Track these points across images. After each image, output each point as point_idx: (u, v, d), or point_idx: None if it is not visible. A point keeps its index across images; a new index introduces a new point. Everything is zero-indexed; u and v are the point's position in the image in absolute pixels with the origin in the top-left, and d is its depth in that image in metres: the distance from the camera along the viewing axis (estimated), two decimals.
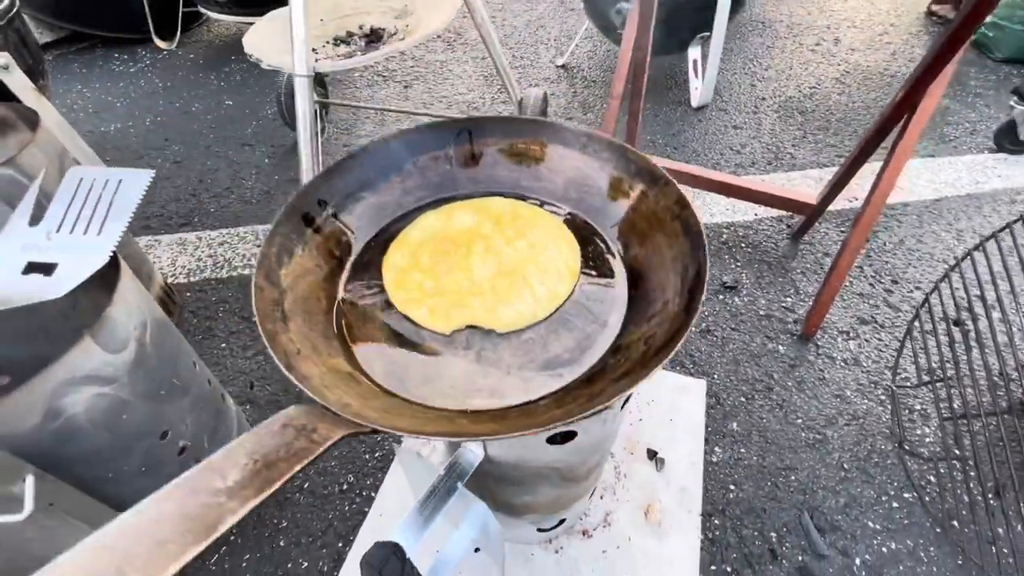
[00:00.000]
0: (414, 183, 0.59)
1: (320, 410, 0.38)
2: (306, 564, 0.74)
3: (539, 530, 0.69)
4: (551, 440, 0.48)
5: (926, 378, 0.87)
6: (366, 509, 0.79)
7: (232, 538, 0.76)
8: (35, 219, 0.61)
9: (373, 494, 0.81)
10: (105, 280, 0.56)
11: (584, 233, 0.55)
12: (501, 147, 0.59)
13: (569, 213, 0.57)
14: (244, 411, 0.89)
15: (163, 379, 0.60)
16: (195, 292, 1.12)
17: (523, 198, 0.58)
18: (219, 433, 0.71)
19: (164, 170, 1.46)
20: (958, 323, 0.86)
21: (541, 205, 0.58)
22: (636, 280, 0.50)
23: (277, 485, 0.29)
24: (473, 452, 0.52)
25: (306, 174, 1.04)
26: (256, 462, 0.30)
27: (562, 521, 0.70)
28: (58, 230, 0.60)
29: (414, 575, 0.45)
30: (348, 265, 0.54)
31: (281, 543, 0.76)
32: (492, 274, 0.50)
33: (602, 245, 0.54)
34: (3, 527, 0.46)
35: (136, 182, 0.64)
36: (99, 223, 0.60)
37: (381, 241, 0.55)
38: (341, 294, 0.52)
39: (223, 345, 1.02)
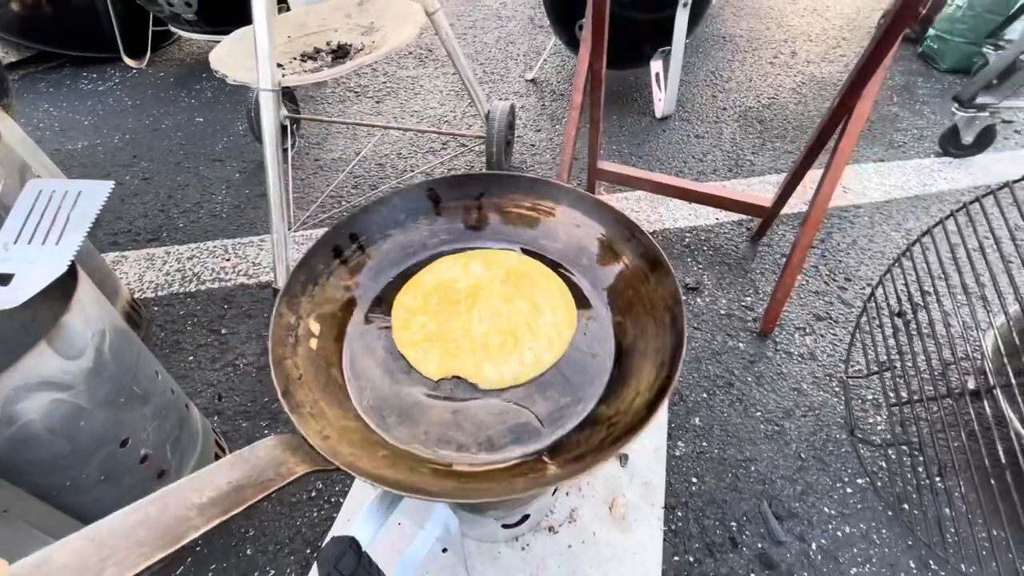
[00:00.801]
0: (441, 227, 0.62)
1: (297, 441, 0.40)
2: (273, 572, 0.74)
3: (504, 527, 0.70)
4: None
5: (875, 368, 0.91)
6: (334, 515, 0.80)
7: (198, 548, 0.76)
8: None
9: (341, 500, 0.82)
10: (63, 289, 0.56)
11: (583, 298, 0.56)
12: (523, 206, 0.62)
13: (569, 272, 0.59)
14: (212, 422, 0.88)
15: (122, 387, 0.60)
16: (163, 306, 1.12)
17: (539, 255, 0.60)
18: (182, 442, 0.71)
19: (132, 187, 1.46)
20: (900, 314, 0.90)
21: (555, 265, 0.60)
22: (619, 357, 0.51)
23: (238, 510, 0.32)
24: None
25: (272, 186, 1.05)
26: (229, 484, 0.32)
27: (526, 517, 0.71)
28: (16, 241, 0.60)
29: (371, 569, 0.46)
30: (367, 296, 0.57)
31: (248, 552, 0.76)
32: (488, 330, 0.52)
33: (599, 313, 0.55)
34: None
35: (95, 193, 0.64)
36: (58, 234, 0.61)
37: (399, 279, 0.58)
38: (355, 325, 0.54)
39: (191, 358, 1.02)
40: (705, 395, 0.98)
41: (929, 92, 1.92)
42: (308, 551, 0.76)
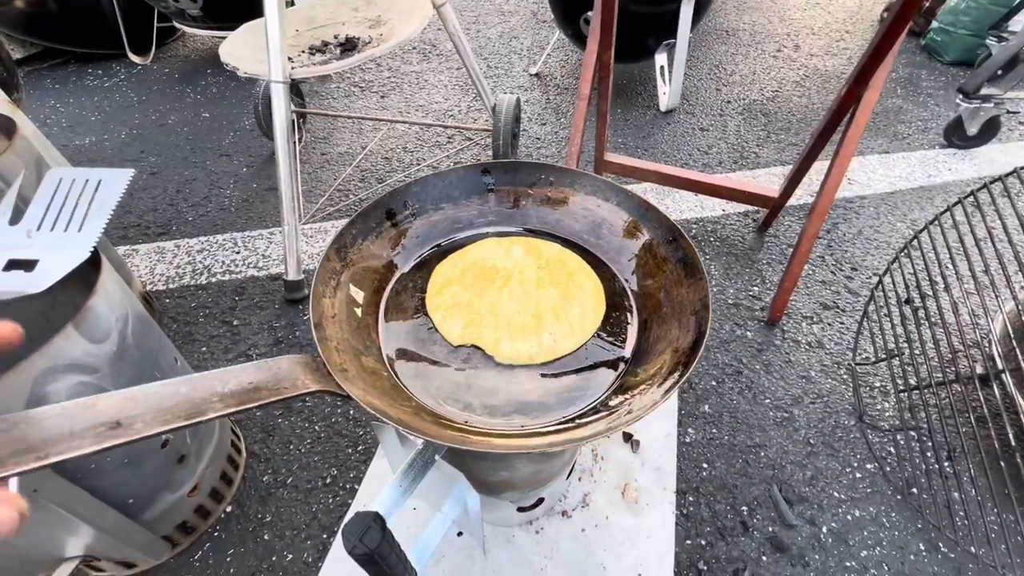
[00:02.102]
0: (491, 208, 0.64)
1: (317, 364, 0.42)
2: (291, 556, 0.75)
3: (519, 510, 0.71)
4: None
5: (882, 355, 0.92)
6: (349, 501, 0.80)
7: (216, 534, 0.77)
8: (15, 219, 0.62)
9: (356, 486, 0.83)
10: (86, 275, 0.57)
11: (616, 297, 0.57)
12: (580, 196, 0.63)
13: (607, 267, 0.60)
14: None
15: (144, 372, 0.61)
16: (174, 299, 1.13)
17: (581, 248, 0.61)
18: (200, 430, 0.72)
19: (141, 181, 1.47)
20: (908, 301, 0.91)
21: (594, 261, 0.60)
22: (637, 353, 0.52)
23: (252, 405, 0.35)
24: None
25: (284, 179, 1.06)
26: (250, 383, 0.37)
27: (541, 500, 0.72)
28: (38, 228, 0.61)
29: (392, 543, 0.47)
30: (408, 260, 0.59)
31: (265, 536, 0.77)
32: (515, 309, 0.54)
33: (626, 313, 0.56)
34: None
35: (115, 181, 0.65)
36: (79, 221, 0.61)
37: (443, 250, 0.61)
38: (392, 284, 0.57)
39: (203, 349, 1.03)
40: (714, 383, 0.99)
41: (933, 84, 1.92)
42: (324, 536, 0.77)
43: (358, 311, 0.53)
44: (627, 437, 0.87)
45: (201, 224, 1.33)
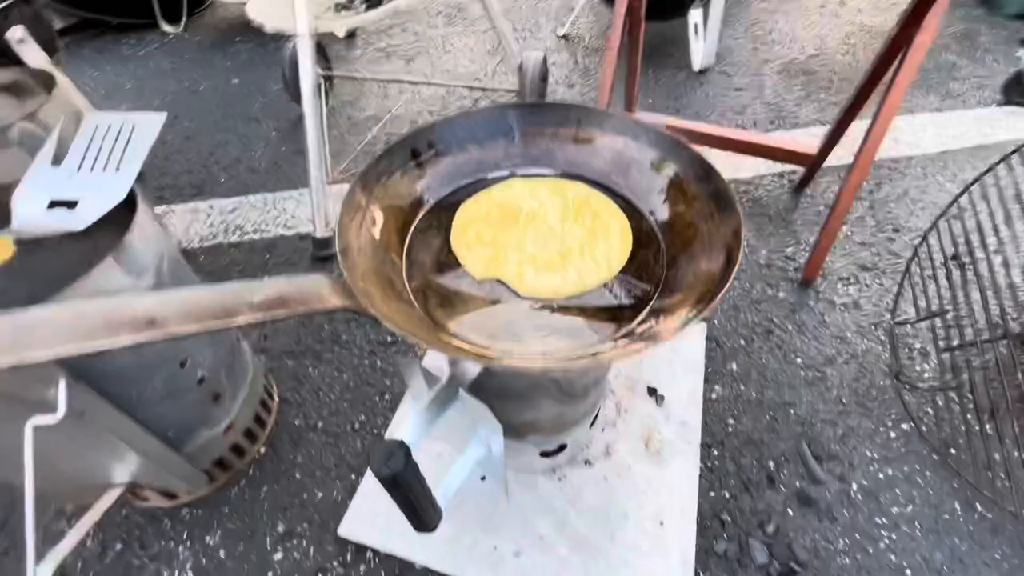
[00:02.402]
0: (517, 151, 0.63)
1: (342, 286, 0.44)
2: (321, 494, 0.78)
3: (542, 455, 0.72)
4: None
5: (924, 315, 0.88)
6: None
7: (251, 472, 0.80)
8: (56, 161, 0.64)
9: (383, 432, 0.85)
10: (124, 215, 0.59)
11: (643, 235, 0.55)
12: (608, 136, 0.61)
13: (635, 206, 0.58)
14: (259, 360, 0.92)
15: None
16: (208, 256, 1.16)
17: (610, 190, 0.60)
18: (235, 371, 0.75)
19: (175, 145, 1.50)
20: (955, 258, 0.86)
21: (623, 201, 0.59)
22: (663, 290, 0.50)
23: (281, 314, 0.38)
24: (475, 362, 0.55)
25: (311, 136, 1.07)
26: (278, 295, 0.39)
27: (563, 447, 0.73)
28: (79, 170, 0.63)
29: (416, 472, 0.47)
30: (434, 199, 0.59)
31: (297, 476, 0.80)
32: (540, 246, 0.53)
33: (654, 251, 0.54)
34: (41, 429, 0.50)
35: (149, 125, 0.66)
36: (116, 162, 0.63)
37: (470, 190, 0.60)
38: (418, 221, 0.57)
39: None
40: (743, 342, 0.97)
41: (992, 39, 1.78)
42: (353, 477, 0.79)
43: (383, 245, 0.53)
44: (651, 391, 0.86)
45: (233, 185, 1.36)
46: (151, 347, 0.60)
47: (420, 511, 0.52)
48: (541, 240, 0.54)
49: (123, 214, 0.58)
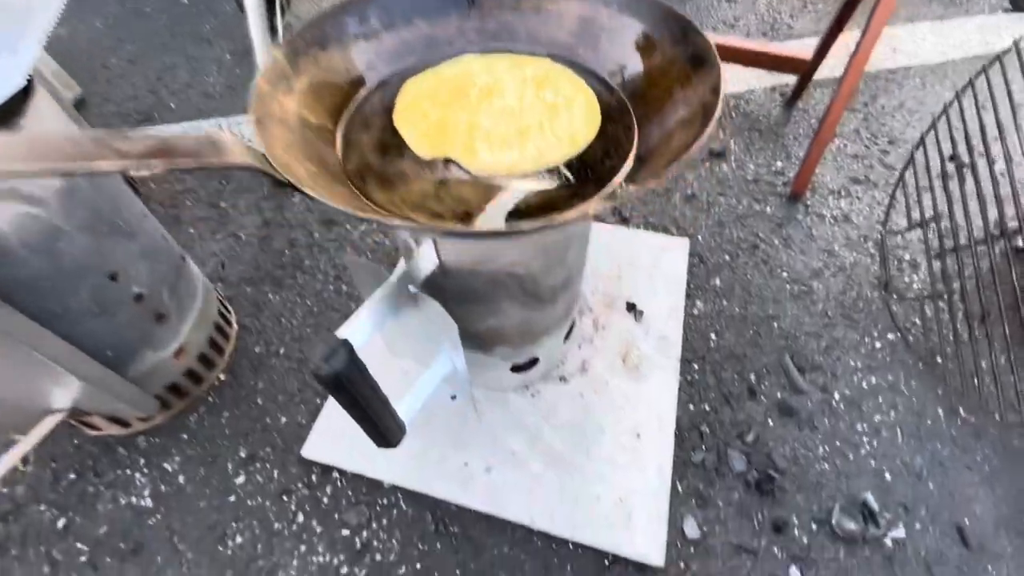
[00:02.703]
0: (472, 26, 0.55)
1: (256, 153, 0.38)
2: (284, 419, 0.75)
3: (513, 369, 0.68)
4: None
5: (917, 223, 0.84)
6: None
7: (210, 400, 0.76)
8: None
9: None
10: (18, 101, 0.51)
11: (612, 110, 0.48)
12: (575, 3, 0.53)
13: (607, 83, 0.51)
14: (216, 288, 0.86)
15: (102, 215, 0.57)
16: (159, 184, 1.08)
17: (577, 65, 0.52)
18: (180, 289, 0.69)
19: (119, 69, 1.37)
20: (954, 158, 0.81)
21: (594, 77, 0.51)
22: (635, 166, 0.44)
23: (160, 165, 0.32)
24: (427, 258, 0.50)
25: (257, 44, 0.97)
26: (160, 145, 0.33)
27: (535, 361, 0.69)
28: None
29: (363, 371, 0.43)
30: (377, 79, 0.52)
31: (259, 401, 0.76)
32: (495, 123, 0.46)
33: (624, 126, 0.47)
34: None
35: (49, 4, 0.57)
36: (12, 47, 0.55)
37: (414, 68, 0.52)
38: (357, 100, 0.50)
39: (191, 231, 0.99)
40: (727, 257, 0.92)
41: None
42: (317, 401, 0.76)
43: (316, 124, 0.46)
44: (631, 307, 0.82)
45: (185, 110, 1.26)
46: (68, 253, 0.54)
47: (377, 421, 0.49)
48: (496, 117, 0.47)
49: (21, 94, 0.51)
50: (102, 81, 1.34)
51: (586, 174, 0.44)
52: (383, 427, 0.50)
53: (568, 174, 0.44)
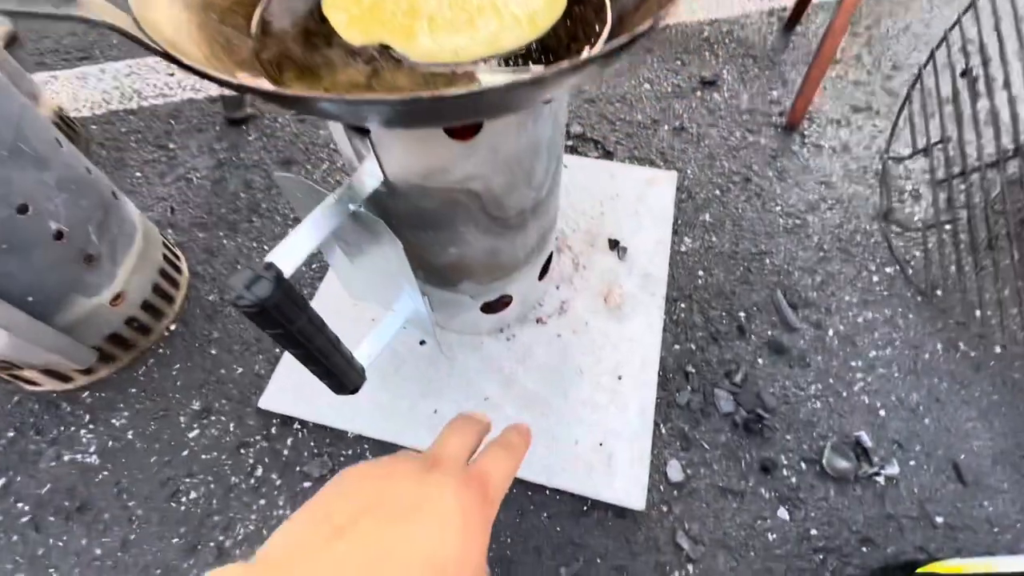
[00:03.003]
0: None
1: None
2: (241, 369, 0.69)
3: (484, 309, 0.63)
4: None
5: (922, 146, 0.77)
6: None
7: (160, 351, 0.71)
8: None
9: (311, 302, 0.74)
10: None
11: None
12: None
13: None
14: (166, 235, 0.79)
15: (1, 138, 0.49)
16: (101, 125, 0.98)
17: None
18: (111, 230, 0.62)
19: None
20: (965, 73, 0.74)
21: None
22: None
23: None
24: (369, 172, 0.43)
25: None
26: None
27: (508, 300, 0.64)
28: None
29: (296, 300, 0.37)
30: None
31: (213, 352, 0.71)
32: (440, 5, 0.38)
33: (596, 8, 0.40)
34: None
35: None
36: None
37: None
38: None
39: (138, 174, 0.91)
40: (718, 192, 0.86)
41: None
42: (276, 349, 0.70)
43: (224, 5, 0.39)
44: (613, 244, 0.76)
45: (128, 47, 1.14)
46: None
47: (326, 363, 0.43)
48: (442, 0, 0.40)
49: None
50: None
51: (548, 62, 0.37)
52: (336, 370, 0.45)
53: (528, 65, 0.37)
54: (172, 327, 0.73)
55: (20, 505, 0.61)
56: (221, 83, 0.27)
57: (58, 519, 0.60)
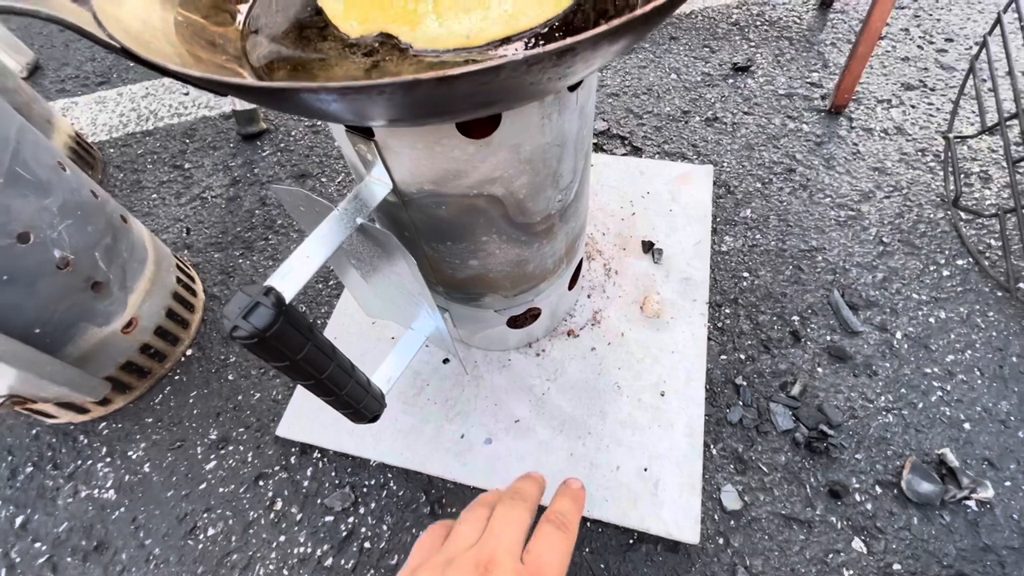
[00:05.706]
0: None
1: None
2: (258, 395, 0.66)
3: (511, 324, 0.58)
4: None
5: (992, 122, 0.69)
6: None
7: (176, 377, 0.68)
8: None
9: (327, 321, 0.71)
10: None
11: None
12: None
13: None
14: (182, 256, 0.77)
15: None
16: (119, 148, 0.98)
17: None
18: (120, 255, 0.60)
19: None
20: None
21: None
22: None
23: None
24: (378, 180, 0.39)
25: None
26: None
27: (536, 314, 0.58)
28: None
29: (301, 327, 0.33)
30: None
31: (230, 377, 0.68)
32: None
33: None
34: None
35: None
36: None
37: None
38: None
39: (154, 196, 0.89)
40: (759, 184, 0.79)
41: None
42: None
43: (206, 3, 0.35)
44: (647, 247, 0.70)
45: (144, 70, 1.14)
46: None
47: (340, 392, 0.39)
48: None
49: None
50: (59, 45, 1.23)
51: None
52: (352, 399, 0.40)
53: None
54: (188, 352, 0.70)
55: (38, 545, 0.58)
56: (184, 79, 0.22)
57: (75, 559, 0.57)
